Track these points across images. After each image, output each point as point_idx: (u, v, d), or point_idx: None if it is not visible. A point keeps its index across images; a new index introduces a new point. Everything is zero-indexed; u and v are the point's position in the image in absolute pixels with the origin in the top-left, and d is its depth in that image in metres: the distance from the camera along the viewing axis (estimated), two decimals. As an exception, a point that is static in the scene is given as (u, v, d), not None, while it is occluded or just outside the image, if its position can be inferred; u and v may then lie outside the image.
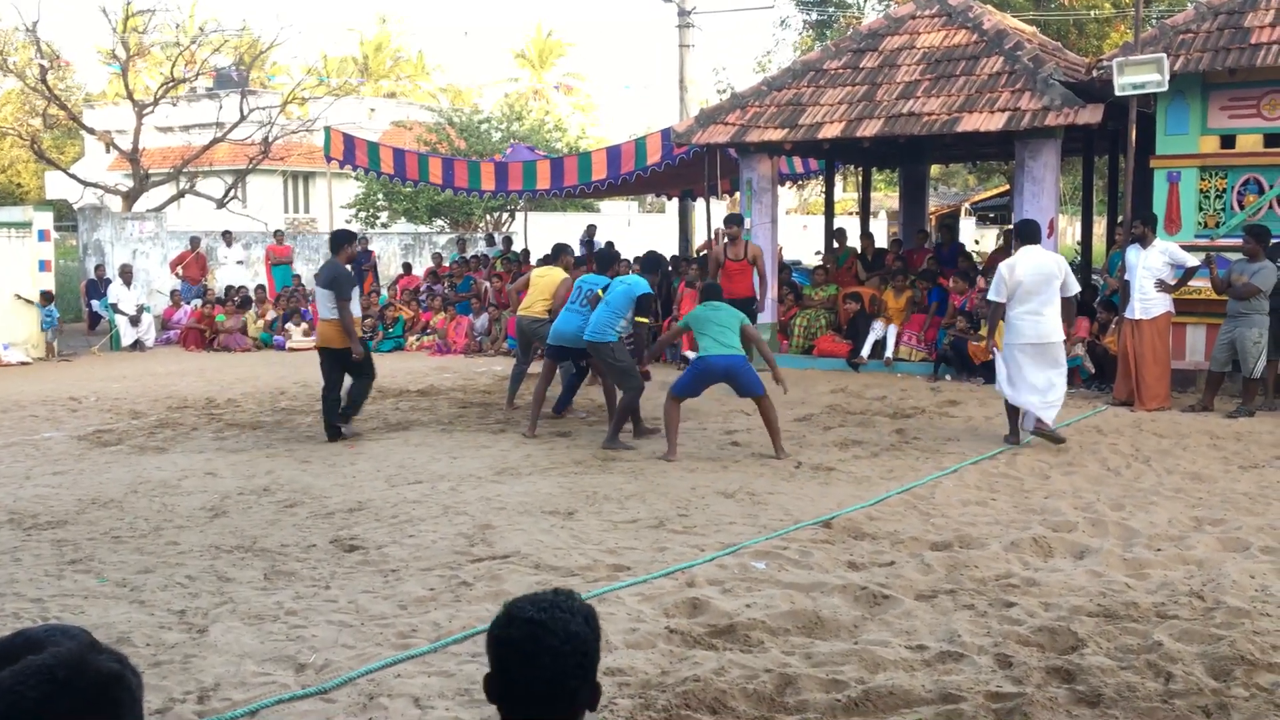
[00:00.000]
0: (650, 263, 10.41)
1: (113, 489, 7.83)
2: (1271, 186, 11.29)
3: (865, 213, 19.34)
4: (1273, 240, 10.51)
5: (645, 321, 9.60)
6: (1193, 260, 10.65)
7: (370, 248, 22.00)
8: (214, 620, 5.08)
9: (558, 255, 11.58)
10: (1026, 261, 8.93)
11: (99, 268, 21.02)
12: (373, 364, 9.90)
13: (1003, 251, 15.41)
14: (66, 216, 28.06)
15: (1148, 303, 10.63)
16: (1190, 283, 10.74)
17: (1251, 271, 10.22)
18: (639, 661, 4.51)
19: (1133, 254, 10.80)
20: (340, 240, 9.92)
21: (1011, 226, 13.22)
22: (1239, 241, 10.73)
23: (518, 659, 2.02)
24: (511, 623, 2.05)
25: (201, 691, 4.29)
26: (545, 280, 10.97)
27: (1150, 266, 10.61)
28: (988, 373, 12.64)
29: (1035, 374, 8.90)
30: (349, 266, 9.99)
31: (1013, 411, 9.15)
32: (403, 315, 18.22)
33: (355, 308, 9.93)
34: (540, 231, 25.62)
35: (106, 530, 6.75)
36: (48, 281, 17.52)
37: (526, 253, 20.34)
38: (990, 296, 9.18)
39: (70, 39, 68.26)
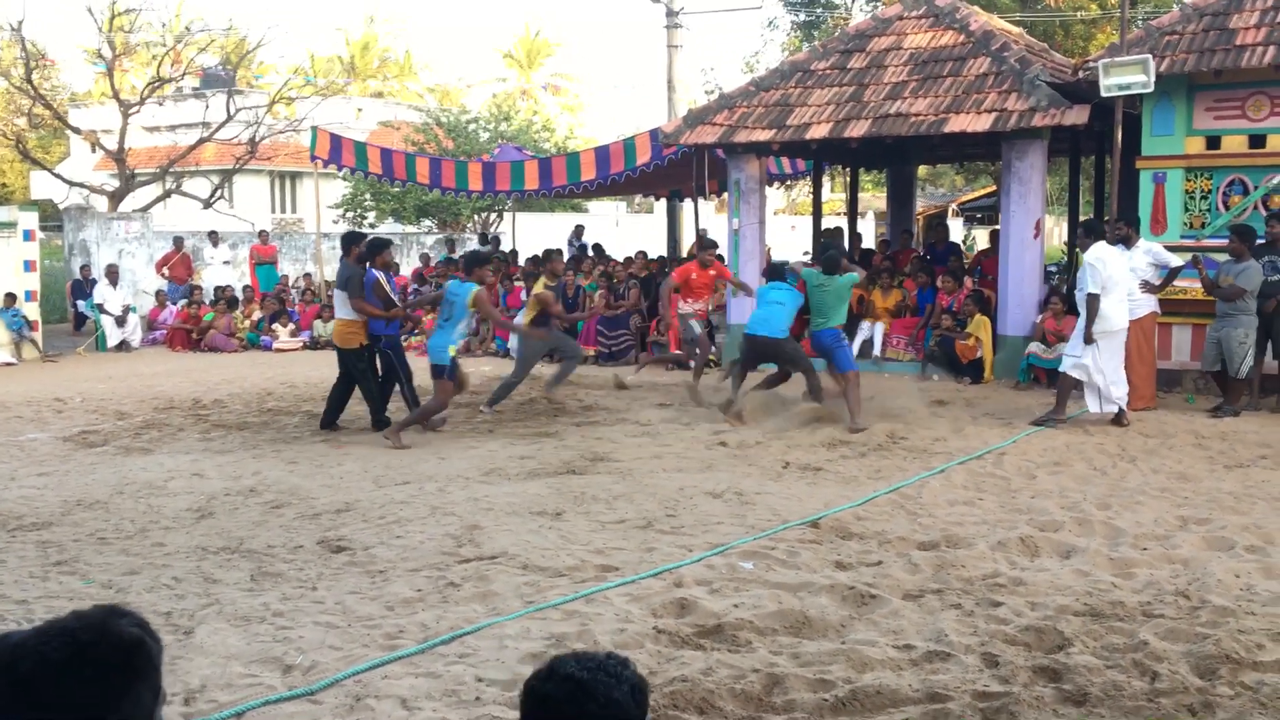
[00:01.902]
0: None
1: (98, 490, 7.80)
2: (1256, 187, 11.35)
3: (853, 214, 19.35)
4: (1258, 241, 10.57)
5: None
6: (1176, 260, 10.69)
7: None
8: (200, 622, 5.06)
9: (545, 260, 12.50)
10: (1112, 254, 9.75)
11: (85, 268, 20.92)
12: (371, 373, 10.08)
13: (989, 252, 15.46)
14: (52, 216, 27.89)
15: (1133, 303, 10.65)
16: (1176, 283, 10.78)
17: (1237, 271, 10.27)
18: (627, 662, 4.50)
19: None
20: (349, 241, 10.36)
21: (1002, 226, 13.26)
22: (1224, 242, 10.78)
23: (550, 717, 1.90)
24: (551, 677, 1.92)
25: (188, 693, 4.28)
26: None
27: (1135, 267, 10.65)
28: (975, 372, 12.70)
29: (1109, 361, 9.60)
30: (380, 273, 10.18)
31: (1066, 391, 9.77)
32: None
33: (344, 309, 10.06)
34: (528, 232, 25.58)
35: (92, 532, 6.71)
36: (32, 282, 17.42)
37: (515, 253, 20.30)
38: (1090, 290, 9.61)
39: (56, 38, 68.03)
